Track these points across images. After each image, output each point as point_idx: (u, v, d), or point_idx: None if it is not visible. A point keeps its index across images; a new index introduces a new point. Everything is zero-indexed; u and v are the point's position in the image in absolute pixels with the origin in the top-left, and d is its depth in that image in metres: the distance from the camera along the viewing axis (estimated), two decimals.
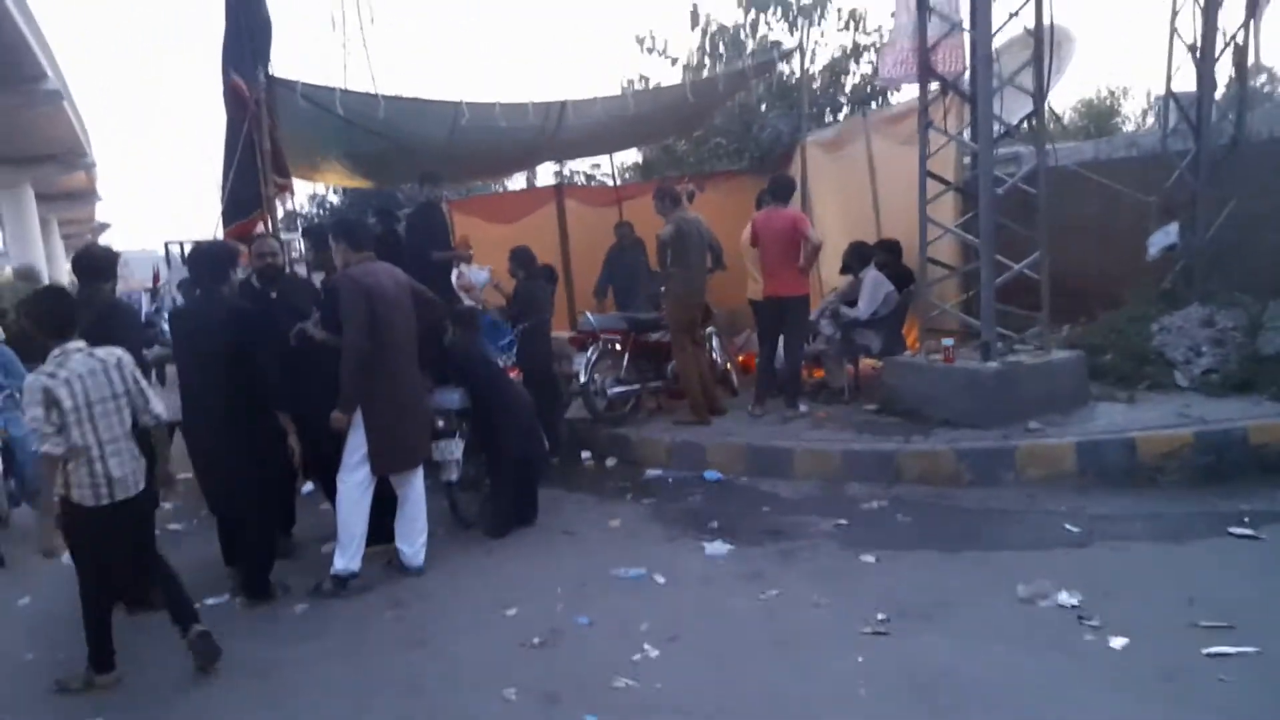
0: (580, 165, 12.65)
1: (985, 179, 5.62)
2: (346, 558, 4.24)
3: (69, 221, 52.23)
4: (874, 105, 9.74)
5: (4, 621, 4.37)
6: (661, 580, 4.13)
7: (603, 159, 11.87)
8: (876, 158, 7.64)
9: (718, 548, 4.48)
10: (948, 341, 5.87)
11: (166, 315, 6.93)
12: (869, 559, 4.18)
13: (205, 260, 4.39)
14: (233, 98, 6.03)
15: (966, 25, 5.75)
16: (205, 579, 4.39)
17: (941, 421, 5.61)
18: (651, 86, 10.62)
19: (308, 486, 5.47)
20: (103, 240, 59.48)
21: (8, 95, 35.57)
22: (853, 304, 6.63)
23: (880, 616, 3.51)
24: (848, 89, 10.66)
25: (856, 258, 6.77)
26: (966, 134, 6.06)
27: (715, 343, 7.29)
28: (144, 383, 3.56)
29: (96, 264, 4.50)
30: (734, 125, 9.74)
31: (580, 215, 10.05)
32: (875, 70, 10.42)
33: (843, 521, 4.72)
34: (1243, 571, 3.70)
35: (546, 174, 12.53)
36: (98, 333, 4.23)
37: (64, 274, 57.03)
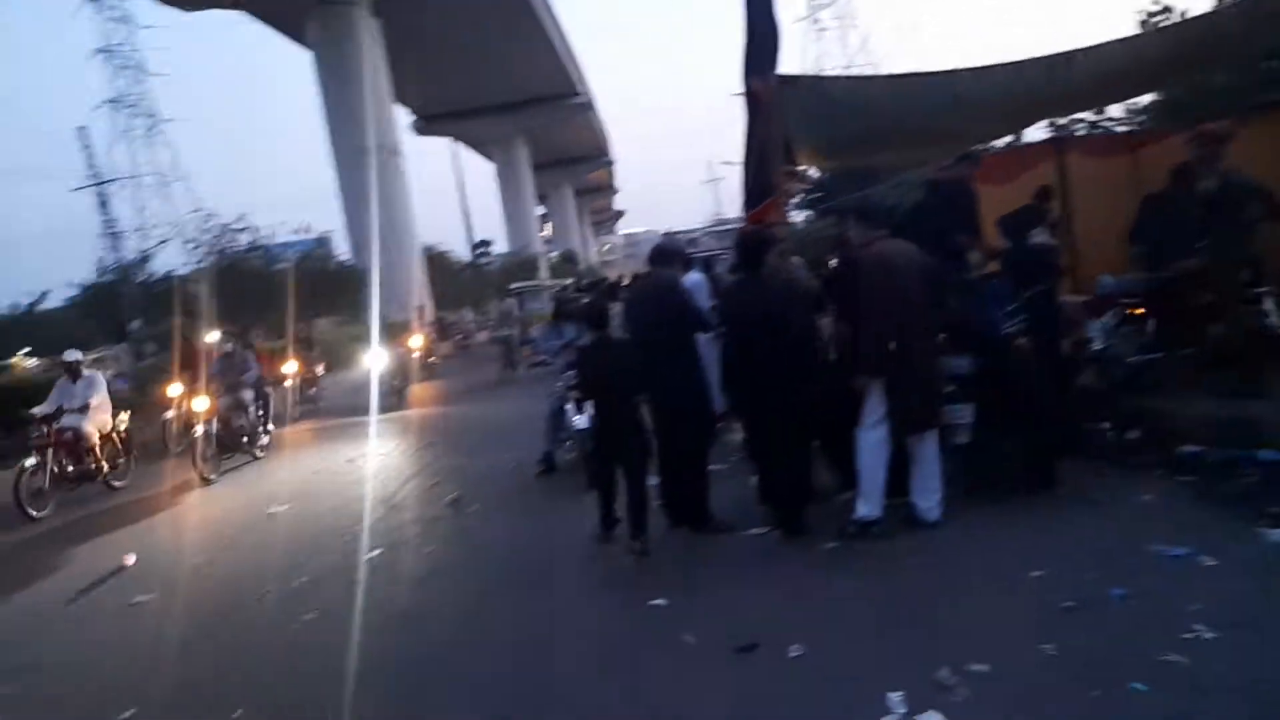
0: (1081, 114, 11.50)
1: None
2: (869, 505, 4.68)
3: (595, 211, 62.83)
4: None
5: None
6: (1211, 562, 3.83)
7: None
8: None
9: None
10: None
11: None
12: None
13: (748, 245, 5.16)
14: (751, 98, 6.83)
15: None
16: (747, 513, 5.24)
17: None
18: (1177, 16, 9.18)
19: None
20: (620, 226, 70.28)
21: (554, 111, 44.16)
22: None
23: None
24: None
25: None
26: None
27: (1270, 305, 6.24)
28: None
29: (663, 253, 5.64)
30: None
31: (1084, 170, 9.20)
32: None
33: None
34: None
35: (1037, 127, 11.58)
36: (660, 301, 5.29)
37: (594, 255, 68.62)
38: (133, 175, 36.57)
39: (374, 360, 14.22)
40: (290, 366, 14.32)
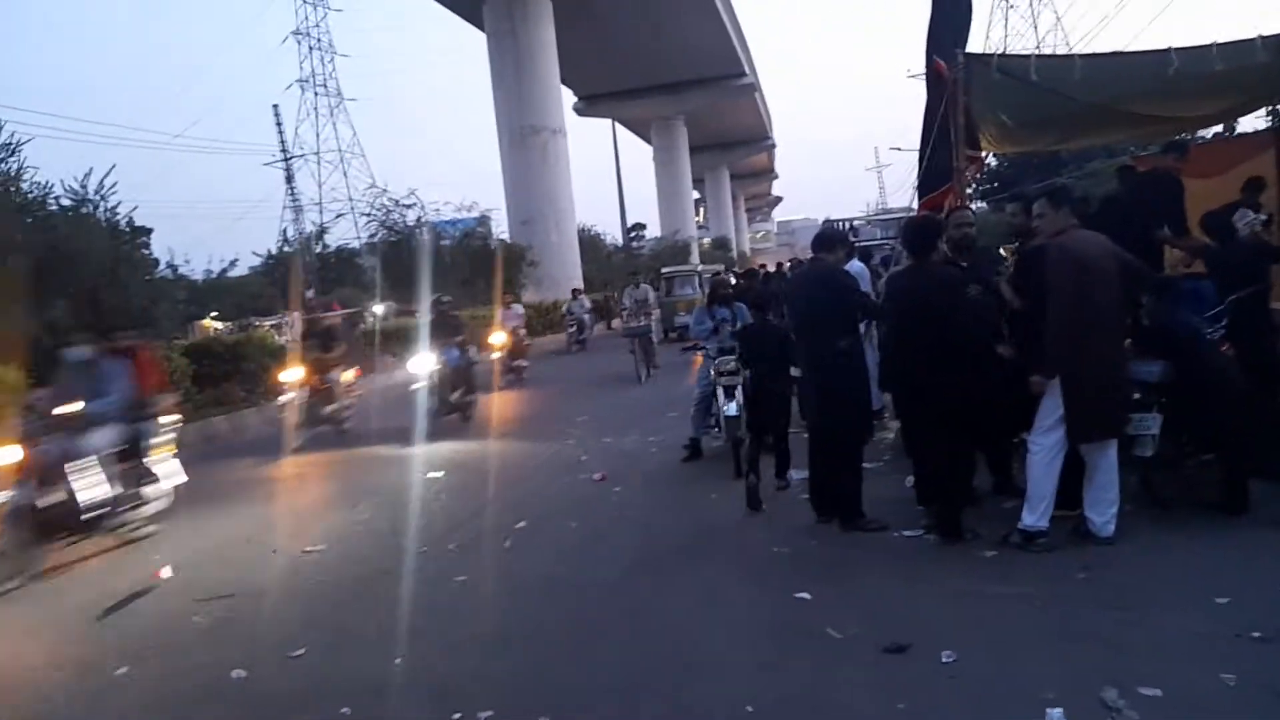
0: None
1: None
2: (1036, 515, 4.42)
3: (751, 196, 62.19)
4: None
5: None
6: None
7: None
8: None
9: None
10: None
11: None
12: None
13: (917, 232, 4.97)
14: (934, 78, 6.54)
15: None
16: (899, 513, 5.09)
17: None
18: None
19: None
20: (776, 213, 69.15)
21: (717, 91, 43.99)
22: None
23: None
24: None
25: None
26: None
27: None
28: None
29: (827, 240, 5.53)
30: None
31: None
32: None
33: None
34: None
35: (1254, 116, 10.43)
36: (824, 287, 5.19)
37: (746, 242, 67.72)
38: (316, 151, 39.41)
39: (419, 368, 10.47)
40: (292, 373, 10.07)
